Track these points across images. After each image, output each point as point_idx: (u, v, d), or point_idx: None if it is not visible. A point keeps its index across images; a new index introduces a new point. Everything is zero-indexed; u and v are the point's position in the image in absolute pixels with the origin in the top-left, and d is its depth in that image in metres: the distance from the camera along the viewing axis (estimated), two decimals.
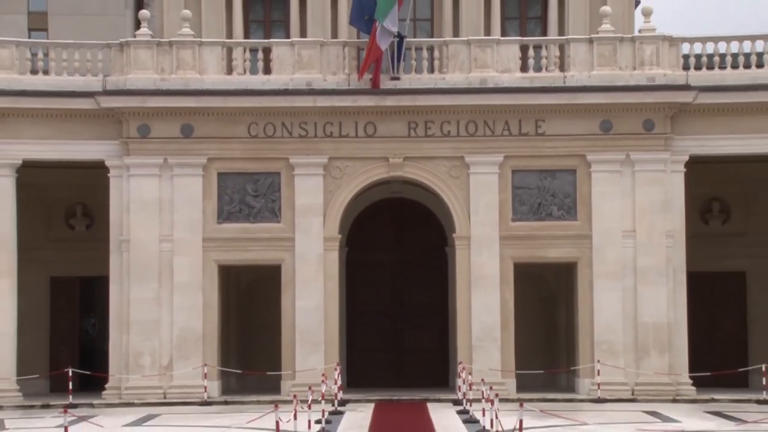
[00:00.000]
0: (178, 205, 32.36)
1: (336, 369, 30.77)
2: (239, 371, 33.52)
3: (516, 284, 32.62)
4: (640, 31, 33.19)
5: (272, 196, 32.67)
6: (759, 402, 30.50)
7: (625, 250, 32.19)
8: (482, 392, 23.16)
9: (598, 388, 31.08)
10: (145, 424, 26.81)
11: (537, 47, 33.23)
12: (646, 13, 33.28)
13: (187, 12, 34.07)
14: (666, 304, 32.01)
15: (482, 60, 32.65)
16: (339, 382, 29.88)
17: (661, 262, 32.12)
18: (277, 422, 17.00)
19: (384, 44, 31.27)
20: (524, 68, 32.82)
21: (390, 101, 32.39)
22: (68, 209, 35.96)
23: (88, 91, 32.33)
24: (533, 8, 37.31)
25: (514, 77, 32.58)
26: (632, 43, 32.71)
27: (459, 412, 27.35)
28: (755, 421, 26.01)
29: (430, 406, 29.40)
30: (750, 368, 33.27)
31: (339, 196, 32.63)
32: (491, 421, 20.11)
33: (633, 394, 31.39)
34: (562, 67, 32.79)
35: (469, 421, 25.12)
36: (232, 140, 32.55)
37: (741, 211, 35.47)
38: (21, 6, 53.39)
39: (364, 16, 31.88)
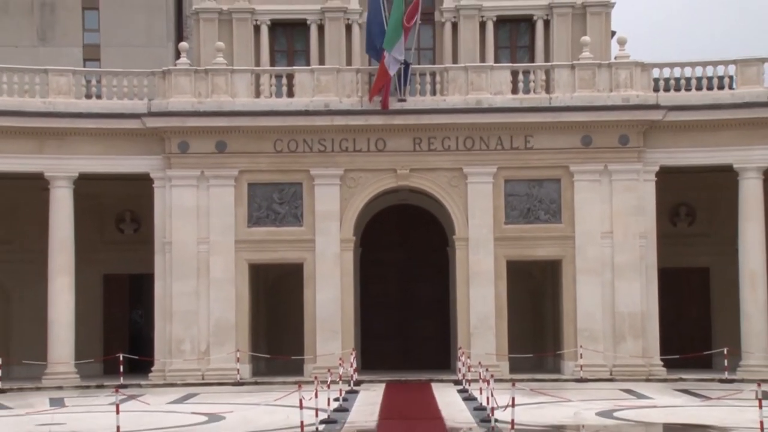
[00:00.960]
0: (213, 212, 32.46)
1: (351, 354, 30.79)
2: (267, 356, 33.61)
3: (508, 279, 32.67)
4: (615, 58, 33.36)
5: (295, 203, 32.76)
6: (721, 381, 30.50)
7: (604, 249, 32.26)
8: (479, 373, 23.14)
9: (581, 369, 31.27)
10: (186, 401, 26.95)
11: (525, 72, 33.27)
12: (621, 42, 33.49)
13: (220, 44, 34.27)
14: (639, 296, 32.09)
15: (478, 83, 32.74)
16: (354, 365, 29.91)
17: (635, 260, 32.19)
18: (301, 400, 17.08)
19: (392, 70, 31.40)
20: (515, 90, 32.85)
21: (397, 120, 32.46)
22: (118, 215, 36.08)
23: (135, 113, 32.50)
24: (522, 38, 37.31)
25: (506, 98, 32.64)
26: (609, 69, 32.81)
27: (459, 391, 27.39)
28: (718, 398, 25.97)
29: (433, 385, 29.41)
30: (713, 351, 33.20)
31: (353, 203, 32.73)
32: (487, 398, 20.12)
33: (611, 375, 31.46)
34: (547, 90, 32.80)
35: (468, 398, 25.20)
36: (260, 155, 32.67)
37: (705, 215, 35.47)
38: (77, 39, 53.48)
39: (376, 46, 32.13)
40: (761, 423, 16.17)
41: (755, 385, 19.13)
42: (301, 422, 16.54)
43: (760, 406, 16.41)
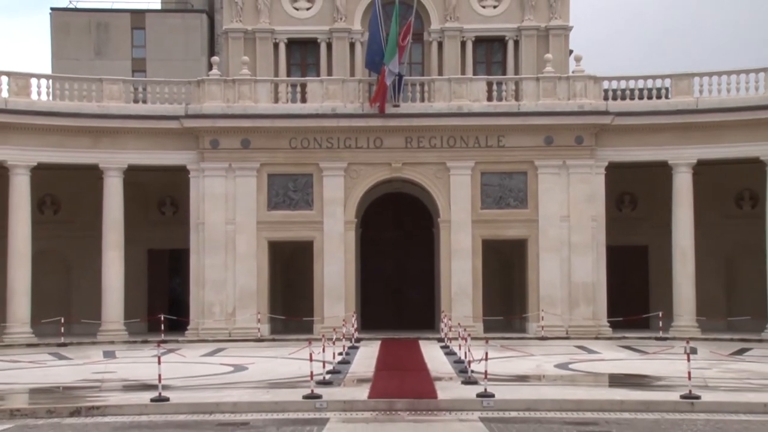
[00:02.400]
0: (238, 198, 32.42)
1: (353, 316, 30.93)
2: (283, 317, 33.60)
3: (483, 255, 32.69)
4: (573, 72, 33.24)
5: (307, 191, 32.73)
6: (657, 339, 30.63)
7: (562, 230, 32.28)
8: (458, 333, 23.12)
9: (542, 329, 31.36)
10: (215, 355, 27.05)
11: (498, 83, 33.25)
12: (577, 59, 33.43)
13: (245, 58, 34.21)
14: (591, 269, 32.15)
15: (459, 92, 32.68)
16: (355, 326, 29.99)
17: (587, 239, 32.23)
18: (311, 354, 17.12)
19: (388, 81, 31.33)
20: (489, 98, 32.80)
21: (392, 122, 32.39)
22: (160, 200, 36.05)
23: (174, 115, 32.50)
24: (496, 55, 37.18)
25: (482, 105, 32.59)
26: (567, 81, 32.76)
27: (442, 347, 27.44)
28: (654, 353, 26.20)
29: (421, 342, 29.41)
30: (650, 314, 33.32)
31: (355, 191, 32.70)
32: (465, 353, 20.20)
33: (567, 334, 31.54)
34: (516, 98, 32.81)
35: (449, 353, 25.25)
36: (278, 150, 32.60)
37: (645, 202, 35.49)
38: (126, 54, 53.35)
39: (375, 61, 32.13)
40: (689, 373, 16.24)
41: (684, 342, 19.17)
42: (311, 372, 16.60)
43: (688, 359, 16.49)
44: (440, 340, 29.27)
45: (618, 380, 20.20)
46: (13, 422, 14.57)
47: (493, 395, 15.66)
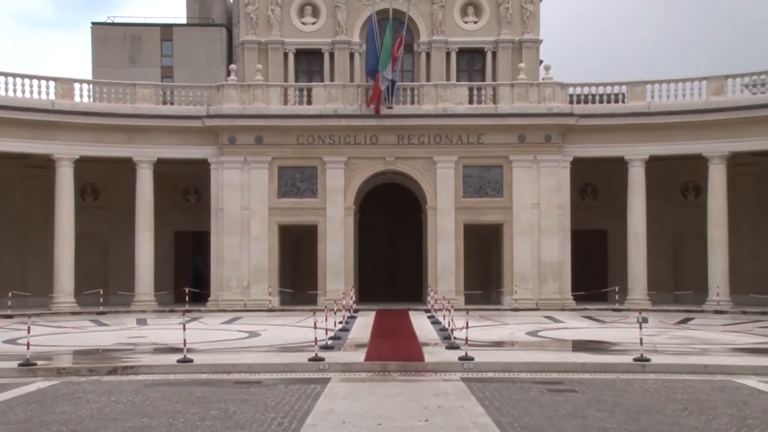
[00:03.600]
0: (252, 187, 32.31)
1: (351, 290, 30.94)
2: (291, 291, 33.58)
3: (465, 237, 32.64)
4: (542, 79, 33.15)
5: (312, 181, 32.60)
6: (614, 310, 30.70)
7: (533, 216, 32.26)
8: (443, 304, 23.28)
9: (515, 302, 31.35)
10: (233, 323, 27.01)
11: (478, 89, 33.11)
12: (546, 68, 33.37)
13: (259, 66, 34.23)
14: (557, 250, 32.18)
15: (444, 96, 32.58)
16: (353, 298, 30.02)
17: (555, 224, 32.25)
18: (315, 322, 17.13)
19: (383, 86, 31.25)
20: (471, 102, 32.68)
21: (386, 122, 32.25)
22: (185, 188, 35.92)
23: (197, 115, 32.35)
24: (476, 64, 37.10)
25: (464, 107, 32.48)
26: (538, 87, 32.68)
27: (428, 317, 27.44)
28: (611, 322, 26.32)
29: (410, 313, 29.44)
30: (608, 289, 33.38)
31: (353, 181, 32.59)
32: (449, 322, 20.27)
33: (537, 306, 31.54)
34: (494, 101, 32.68)
35: (435, 322, 25.24)
36: (287, 146, 32.46)
37: (604, 192, 35.45)
38: (156, 62, 53.42)
39: (372, 69, 32.06)
40: (641, 339, 16.32)
41: (637, 313, 19.28)
42: (315, 338, 16.59)
43: (640, 328, 16.54)
44: (427, 311, 29.27)
45: (580, 345, 20.26)
46: (60, 379, 14.58)
47: (472, 359, 15.68)
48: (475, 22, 36.53)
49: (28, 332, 16.49)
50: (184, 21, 56.66)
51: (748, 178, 33.55)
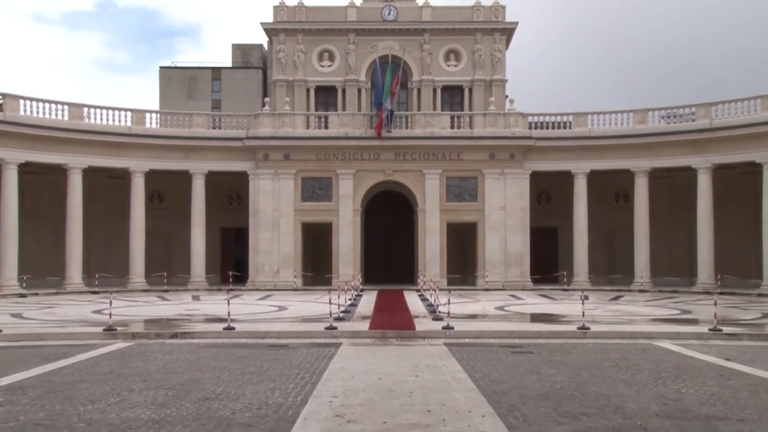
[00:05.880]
0: (282, 193, 32.29)
1: (358, 274, 30.98)
2: (311, 274, 33.59)
3: (447, 233, 32.63)
4: (508, 110, 33.18)
5: (328, 189, 32.56)
6: (563, 290, 30.72)
7: (500, 217, 32.26)
8: (430, 285, 23.29)
9: (486, 283, 31.38)
10: (266, 299, 26.85)
11: (458, 117, 33.11)
12: (511, 101, 33.51)
13: (287, 99, 34.34)
14: (520, 243, 32.19)
15: (431, 123, 32.56)
16: (360, 280, 29.96)
17: (517, 223, 32.24)
18: (330, 299, 17.14)
19: (384, 115, 31.36)
20: (452, 127, 32.70)
21: (386, 143, 32.23)
22: (229, 194, 35.86)
23: (239, 137, 32.33)
24: (456, 98, 37.06)
25: (447, 131, 32.46)
26: (504, 116, 32.68)
27: (419, 295, 27.45)
28: (561, 299, 26.24)
29: (405, 292, 29.41)
30: (558, 273, 33.47)
31: (360, 189, 32.57)
32: (434, 299, 20.26)
33: (503, 287, 31.55)
34: (470, 126, 32.69)
35: (424, 299, 25.21)
36: (308, 161, 32.42)
37: (555, 198, 35.47)
38: (208, 96, 53.51)
39: (377, 102, 32.15)
40: (583, 312, 16.34)
41: (580, 292, 19.28)
42: (330, 312, 16.60)
43: (583, 304, 16.58)
44: (418, 290, 29.33)
45: (536, 317, 20.21)
46: (134, 341, 14.58)
47: (453, 328, 15.65)
48: (456, 66, 36.50)
49: (110, 305, 16.68)
50: (229, 65, 56.72)
51: (664, 188, 33.61)
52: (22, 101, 29.05)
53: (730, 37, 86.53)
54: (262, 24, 36.71)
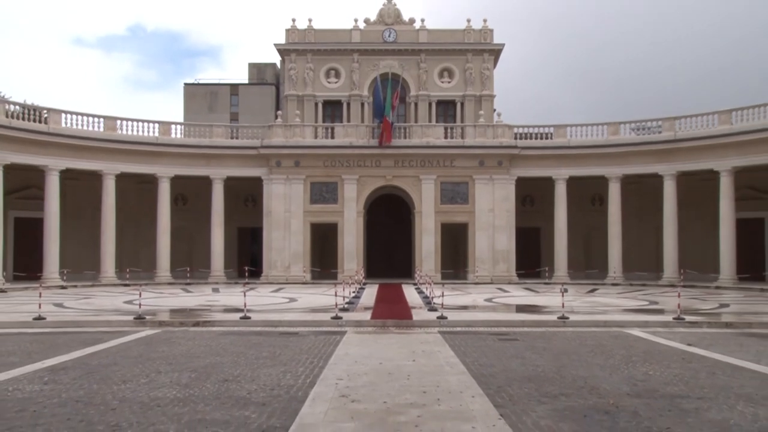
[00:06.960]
0: (292, 196, 32.23)
1: (361, 269, 30.97)
2: (319, 269, 33.51)
3: (441, 232, 32.59)
4: (496, 122, 33.08)
5: (334, 192, 32.52)
6: (545, 284, 30.59)
7: (489, 218, 32.22)
8: (426, 279, 23.30)
9: (477, 278, 31.40)
10: (278, 292, 26.69)
11: (451, 128, 33.05)
12: (499, 114, 33.38)
13: (297, 112, 34.33)
14: (506, 241, 32.15)
15: (427, 133, 32.56)
16: (363, 275, 30.03)
17: (505, 223, 32.21)
18: (336, 292, 17.18)
19: (385, 126, 31.36)
20: (446, 137, 32.62)
21: (387, 151, 32.17)
22: (245, 197, 35.77)
23: (254, 146, 32.26)
24: (450, 111, 37.05)
25: (441, 141, 32.40)
26: (492, 128, 32.65)
27: (415, 288, 27.27)
28: (543, 292, 26.15)
29: (403, 285, 29.32)
30: (541, 269, 33.42)
31: (363, 193, 32.52)
32: (429, 292, 20.26)
33: (491, 281, 31.53)
34: (462, 137, 32.64)
35: (420, 292, 25.02)
36: (316, 167, 32.38)
37: (539, 202, 35.39)
38: (226, 110, 53.49)
39: (379, 115, 32.12)
40: (563, 303, 16.36)
41: (560, 285, 19.27)
42: (336, 303, 16.62)
43: (563, 296, 16.60)
44: (415, 284, 29.24)
45: (521, 308, 20.17)
46: (161, 329, 14.59)
47: (446, 317, 15.65)
48: (449, 82, 36.51)
49: (140, 296, 16.75)
50: (246, 81, 56.78)
51: (635, 192, 33.62)
52: (63, 115, 29.26)
53: (698, 65, 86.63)
54: (275, 45, 36.81)
